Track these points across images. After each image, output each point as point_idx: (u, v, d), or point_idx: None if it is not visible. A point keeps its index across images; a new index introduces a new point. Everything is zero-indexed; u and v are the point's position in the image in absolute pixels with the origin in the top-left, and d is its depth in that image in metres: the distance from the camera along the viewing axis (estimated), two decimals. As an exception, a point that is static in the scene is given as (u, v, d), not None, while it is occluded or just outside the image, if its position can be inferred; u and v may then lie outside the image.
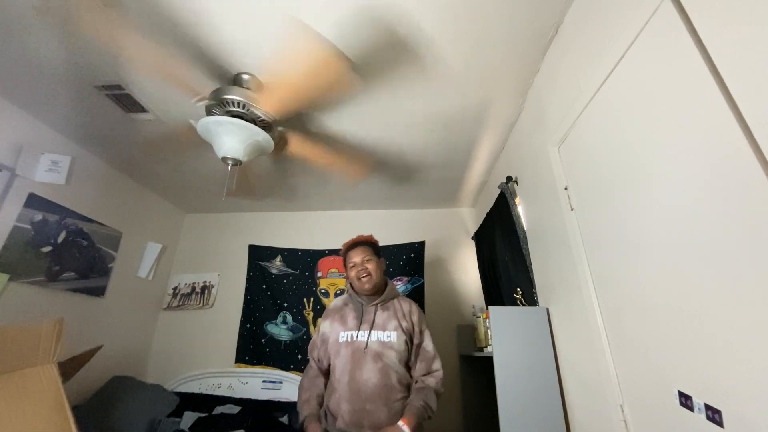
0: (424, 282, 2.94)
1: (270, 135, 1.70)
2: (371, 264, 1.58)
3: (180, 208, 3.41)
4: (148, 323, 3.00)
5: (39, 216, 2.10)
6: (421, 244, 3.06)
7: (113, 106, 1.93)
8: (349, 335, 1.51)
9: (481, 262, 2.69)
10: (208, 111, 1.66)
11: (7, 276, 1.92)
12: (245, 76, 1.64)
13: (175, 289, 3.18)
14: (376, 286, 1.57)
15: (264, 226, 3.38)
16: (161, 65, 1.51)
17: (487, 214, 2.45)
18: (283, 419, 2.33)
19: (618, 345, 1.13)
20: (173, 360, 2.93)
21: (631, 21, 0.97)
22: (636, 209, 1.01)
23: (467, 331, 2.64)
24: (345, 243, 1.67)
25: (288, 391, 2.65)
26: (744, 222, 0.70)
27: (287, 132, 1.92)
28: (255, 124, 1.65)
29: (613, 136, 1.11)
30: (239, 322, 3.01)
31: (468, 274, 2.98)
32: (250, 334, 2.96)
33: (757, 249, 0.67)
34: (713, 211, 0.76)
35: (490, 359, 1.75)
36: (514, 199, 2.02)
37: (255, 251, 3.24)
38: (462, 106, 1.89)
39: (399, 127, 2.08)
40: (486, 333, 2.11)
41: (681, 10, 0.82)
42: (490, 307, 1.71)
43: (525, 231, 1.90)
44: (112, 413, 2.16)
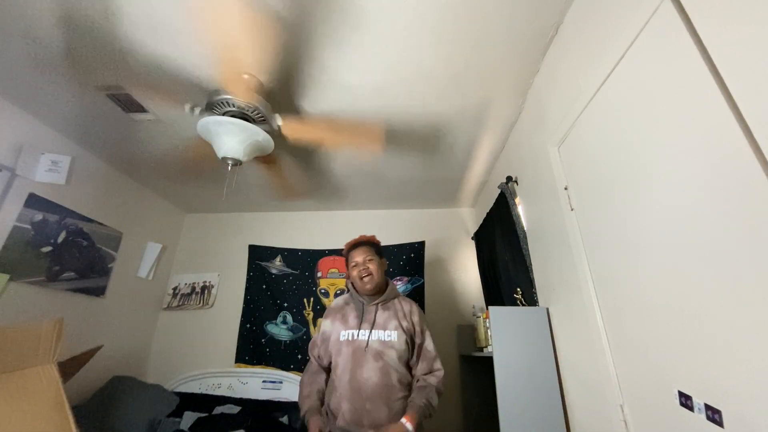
0: (424, 282, 2.94)
1: (268, 127, 1.70)
2: (373, 264, 1.60)
3: (180, 208, 3.41)
4: (148, 323, 3.00)
5: (39, 216, 2.10)
6: (421, 244, 3.06)
7: (113, 106, 1.93)
8: (350, 334, 1.52)
9: (481, 262, 2.69)
10: (209, 108, 1.66)
11: (7, 276, 1.92)
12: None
13: (175, 289, 3.18)
14: (377, 285, 1.59)
15: (264, 226, 3.38)
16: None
17: (487, 214, 2.45)
18: (283, 419, 2.33)
19: (618, 345, 1.13)
20: (173, 360, 2.93)
21: (631, 21, 0.97)
22: (636, 209, 1.01)
23: (467, 331, 2.64)
24: (348, 242, 1.69)
25: (288, 391, 2.65)
26: (744, 222, 0.70)
27: (285, 116, 1.80)
28: (254, 123, 1.65)
29: (613, 136, 1.11)
30: (239, 322, 3.01)
31: (468, 274, 2.98)
32: (250, 334, 2.95)
33: (757, 249, 0.67)
34: (713, 211, 0.76)
35: (490, 359, 1.75)
36: (514, 199, 2.02)
37: (255, 251, 3.24)
38: (462, 106, 1.89)
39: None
40: (486, 333, 2.11)
41: (681, 10, 0.82)
42: (490, 307, 1.71)
43: (525, 231, 1.90)
44: (112, 413, 2.15)
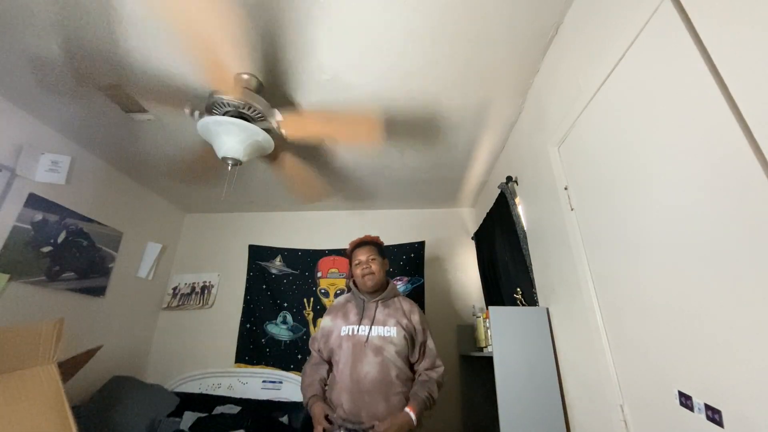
0: (424, 282, 2.94)
1: (268, 125, 1.70)
2: (375, 263, 1.66)
3: (180, 208, 3.41)
4: (148, 323, 3.00)
5: (39, 216, 2.10)
6: (421, 244, 3.06)
7: (113, 106, 1.93)
8: (351, 329, 1.56)
9: (481, 262, 2.69)
10: (208, 111, 1.66)
11: (7, 276, 1.92)
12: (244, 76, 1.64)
13: (175, 289, 3.18)
14: (377, 284, 1.64)
15: (264, 226, 3.37)
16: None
17: (487, 214, 2.45)
18: (283, 419, 2.33)
19: (618, 345, 1.13)
20: (173, 360, 2.93)
21: (631, 21, 0.97)
22: (636, 209, 1.01)
23: (467, 331, 2.64)
24: (352, 241, 1.77)
25: (288, 392, 2.64)
26: (744, 222, 0.70)
27: (283, 112, 1.76)
28: (254, 122, 1.65)
29: (613, 136, 1.11)
30: (239, 322, 3.01)
31: (468, 274, 2.98)
32: (250, 334, 2.95)
33: (757, 249, 0.67)
34: (713, 211, 0.76)
35: (490, 359, 1.75)
36: (514, 199, 2.02)
37: (255, 251, 3.24)
38: (462, 105, 1.89)
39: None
40: (486, 333, 2.11)
41: (681, 10, 0.82)
42: (490, 307, 1.71)
43: (525, 231, 1.90)
44: (112, 413, 2.15)
